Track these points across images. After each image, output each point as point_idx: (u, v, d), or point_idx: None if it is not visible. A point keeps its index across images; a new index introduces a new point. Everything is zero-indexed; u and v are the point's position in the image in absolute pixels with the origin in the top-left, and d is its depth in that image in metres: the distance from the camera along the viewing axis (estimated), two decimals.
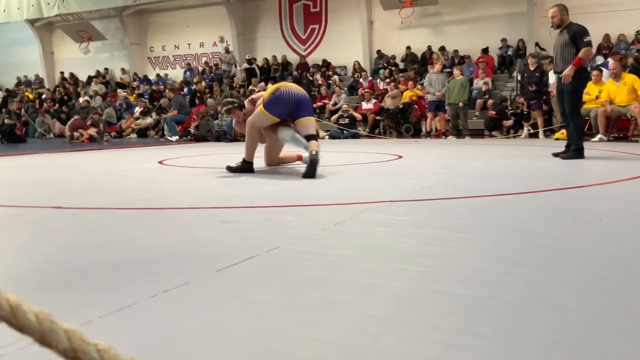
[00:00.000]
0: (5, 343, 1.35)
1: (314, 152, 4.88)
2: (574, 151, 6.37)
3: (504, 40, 15.09)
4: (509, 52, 15.15)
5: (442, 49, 15.59)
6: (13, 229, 2.98)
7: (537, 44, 14.67)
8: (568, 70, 6.22)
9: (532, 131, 11.60)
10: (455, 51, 15.38)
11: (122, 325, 1.49)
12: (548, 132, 11.35)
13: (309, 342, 1.35)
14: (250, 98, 5.73)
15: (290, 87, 5.26)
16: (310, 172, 4.82)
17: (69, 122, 14.42)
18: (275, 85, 5.35)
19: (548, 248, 2.26)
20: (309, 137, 5.09)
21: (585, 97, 10.25)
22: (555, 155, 6.55)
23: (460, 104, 11.76)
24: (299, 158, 5.73)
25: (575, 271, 1.92)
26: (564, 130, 10.35)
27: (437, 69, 12.21)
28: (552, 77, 9.95)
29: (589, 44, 6.18)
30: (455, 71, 12.01)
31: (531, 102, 11.42)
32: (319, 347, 1.32)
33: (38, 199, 4.05)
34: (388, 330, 1.42)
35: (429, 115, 12.30)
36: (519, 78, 13.16)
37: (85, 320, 1.50)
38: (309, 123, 5.18)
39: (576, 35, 6.19)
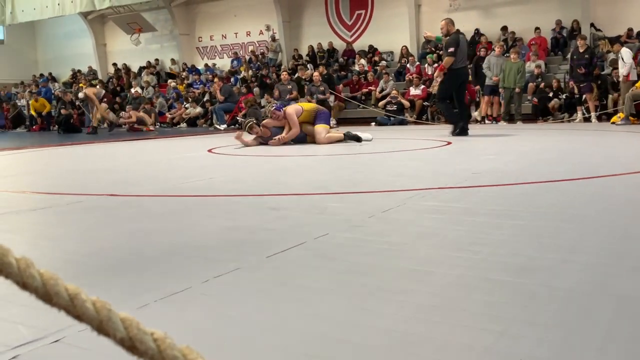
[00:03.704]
0: (65, 325, 1.40)
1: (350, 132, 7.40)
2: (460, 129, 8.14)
3: (558, 21, 14.53)
4: (564, 34, 14.58)
5: (505, 28, 15.03)
6: (71, 216, 3.08)
7: (592, 25, 14.06)
8: (436, 73, 8.41)
9: (586, 115, 11.19)
10: (512, 33, 14.88)
11: (176, 309, 1.53)
12: (604, 115, 10.93)
13: (360, 329, 1.35)
14: (266, 122, 7.52)
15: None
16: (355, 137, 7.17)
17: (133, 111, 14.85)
18: (314, 105, 8.10)
19: (606, 236, 2.17)
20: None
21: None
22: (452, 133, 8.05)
23: (517, 90, 11.43)
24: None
25: (636, 259, 1.84)
26: (621, 114, 10.00)
27: (498, 53, 11.91)
28: None
29: (451, 54, 7.70)
30: (512, 55, 11.63)
31: (581, 86, 11.01)
32: (371, 334, 1.31)
33: (94, 186, 4.19)
34: (440, 318, 1.39)
35: (485, 98, 12.01)
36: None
37: (141, 304, 1.54)
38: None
39: (445, 46, 7.80)
